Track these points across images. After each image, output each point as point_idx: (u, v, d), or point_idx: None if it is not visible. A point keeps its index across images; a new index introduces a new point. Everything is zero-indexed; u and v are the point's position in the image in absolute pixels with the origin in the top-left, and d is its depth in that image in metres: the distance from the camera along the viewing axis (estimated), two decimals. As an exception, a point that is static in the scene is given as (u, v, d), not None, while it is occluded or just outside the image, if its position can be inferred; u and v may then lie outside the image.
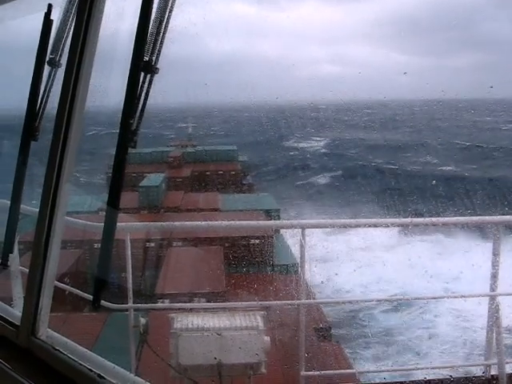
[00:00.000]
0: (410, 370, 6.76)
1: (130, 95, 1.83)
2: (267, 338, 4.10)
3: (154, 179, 21.57)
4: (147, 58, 1.82)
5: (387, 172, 39.10)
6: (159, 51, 1.85)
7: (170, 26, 1.84)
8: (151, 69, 1.84)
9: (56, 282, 2.49)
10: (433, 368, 5.83)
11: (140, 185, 20.63)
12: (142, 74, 1.83)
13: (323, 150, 51.38)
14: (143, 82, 1.84)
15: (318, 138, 54.80)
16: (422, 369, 5.39)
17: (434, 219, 4.64)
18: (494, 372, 4.60)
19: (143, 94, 1.84)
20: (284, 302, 5.46)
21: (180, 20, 1.88)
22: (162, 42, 1.84)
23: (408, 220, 4.68)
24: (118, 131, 1.83)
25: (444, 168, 40.86)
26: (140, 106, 1.84)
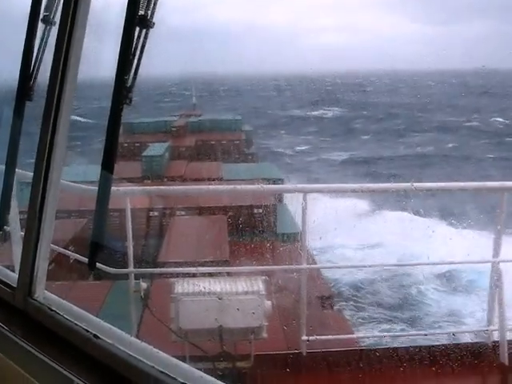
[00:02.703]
0: (412, 335, 6.82)
1: (124, 51, 1.76)
2: (268, 303, 4.11)
3: (157, 149, 21.52)
4: (142, 12, 1.75)
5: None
6: (155, 4, 1.77)
7: None
8: (147, 23, 1.77)
9: (53, 246, 2.47)
10: (434, 334, 5.88)
11: (143, 154, 20.60)
12: (138, 29, 1.77)
13: (332, 120, 50.76)
14: (138, 37, 1.77)
15: (327, 108, 54.00)
16: (424, 335, 5.42)
17: (436, 184, 4.61)
18: (495, 338, 4.62)
19: (138, 50, 1.78)
20: (284, 266, 5.46)
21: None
22: None
23: (409, 185, 4.63)
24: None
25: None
26: (135, 61, 1.79)
